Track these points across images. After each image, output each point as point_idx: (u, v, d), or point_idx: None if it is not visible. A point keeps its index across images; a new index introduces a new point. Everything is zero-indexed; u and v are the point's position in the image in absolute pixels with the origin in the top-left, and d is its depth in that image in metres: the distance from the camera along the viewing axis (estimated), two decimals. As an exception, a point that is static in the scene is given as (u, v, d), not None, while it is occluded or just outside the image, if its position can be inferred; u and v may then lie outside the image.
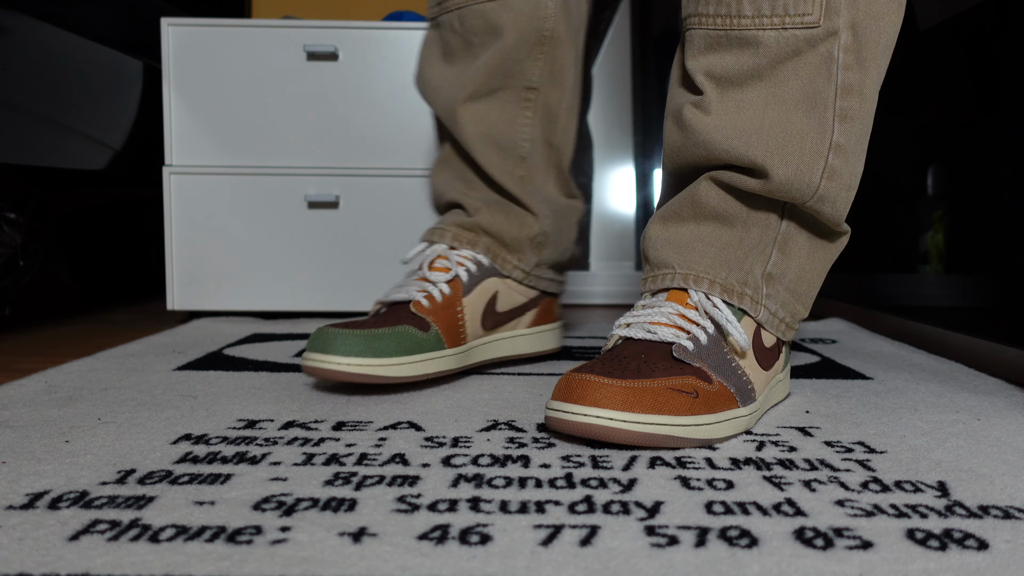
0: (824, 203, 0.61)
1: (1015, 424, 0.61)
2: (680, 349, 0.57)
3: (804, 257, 0.65)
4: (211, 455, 0.52)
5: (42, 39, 1.03)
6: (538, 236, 0.81)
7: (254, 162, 1.19)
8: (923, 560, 0.37)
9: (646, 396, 0.53)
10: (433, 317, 0.72)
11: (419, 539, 0.39)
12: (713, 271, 0.62)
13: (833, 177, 0.60)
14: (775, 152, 0.60)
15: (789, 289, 0.65)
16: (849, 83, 0.60)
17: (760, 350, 0.63)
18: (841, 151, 0.60)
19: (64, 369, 0.79)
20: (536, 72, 0.79)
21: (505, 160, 0.80)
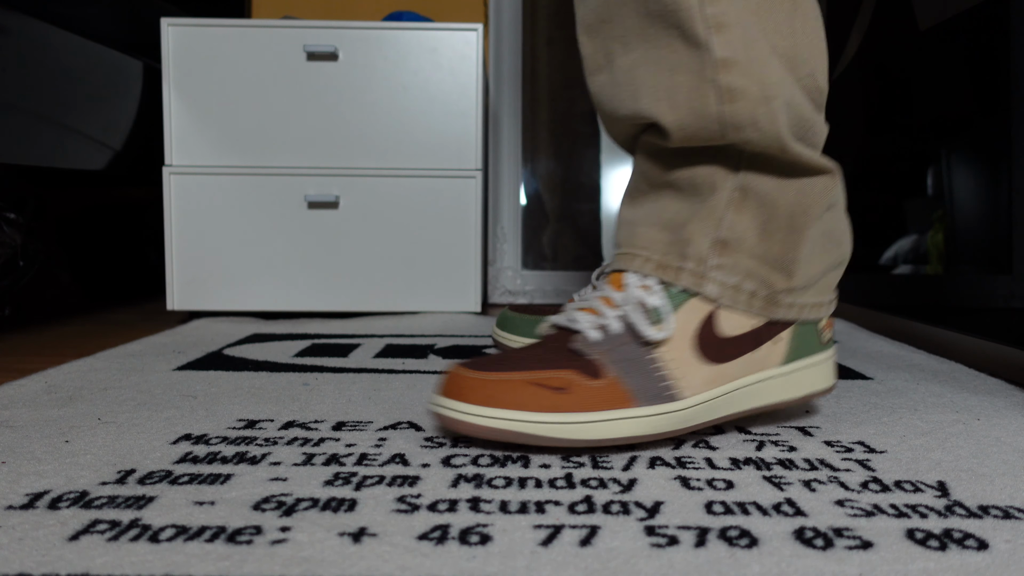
0: (742, 130, 0.52)
1: (1015, 424, 0.61)
2: (580, 340, 0.53)
3: (765, 214, 0.54)
4: (211, 455, 0.52)
5: (42, 39, 1.03)
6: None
7: (254, 162, 1.19)
8: (923, 560, 0.37)
9: (503, 390, 0.50)
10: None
11: (419, 539, 0.39)
12: (651, 247, 0.55)
13: (735, 98, 0.51)
14: (661, 97, 0.52)
15: (753, 255, 0.55)
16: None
17: (710, 339, 0.54)
18: (732, 65, 0.51)
19: (64, 369, 0.79)
20: None
21: None
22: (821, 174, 0.55)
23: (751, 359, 0.55)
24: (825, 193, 0.55)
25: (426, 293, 1.22)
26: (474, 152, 1.21)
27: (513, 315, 0.85)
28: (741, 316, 0.55)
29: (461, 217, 1.22)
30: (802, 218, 0.55)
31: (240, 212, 1.19)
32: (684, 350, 0.53)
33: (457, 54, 1.20)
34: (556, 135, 1.74)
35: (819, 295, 0.58)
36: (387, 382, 0.76)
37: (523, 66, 1.65)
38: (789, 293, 0.56)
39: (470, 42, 1.21)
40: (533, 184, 1.72)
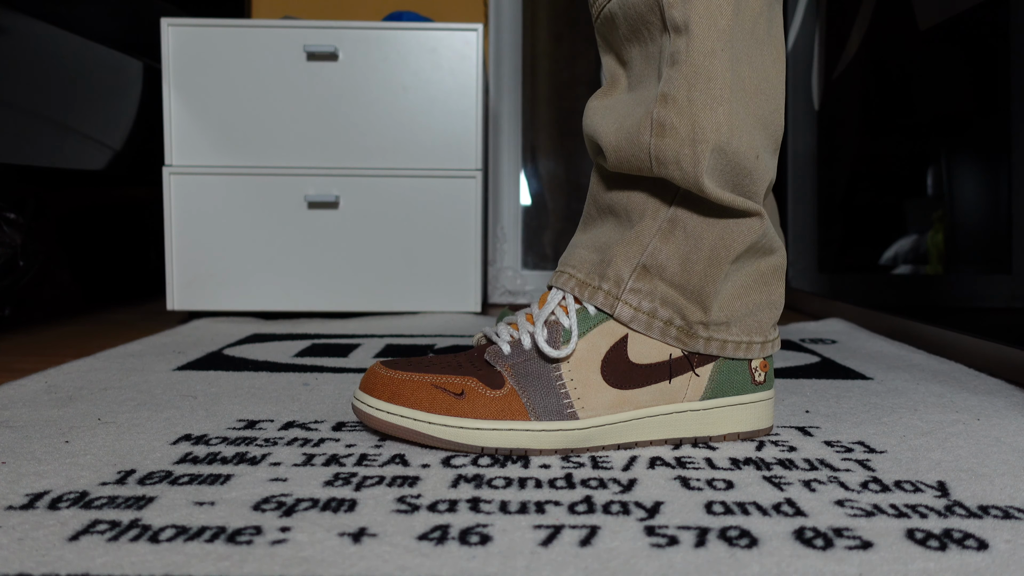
0: (665, 165, 0.52)
1: (1015, 424, 0.61)
2: (492, 352, 0.55)
3: (689, 245, 0.55)
4: (211, 455, 0.52)
5: (42, 39, 1.03)
6: None
7: (254, 162, 1.19)
8: (923, 560, 0.37)
9: (406, 389, 0.54)
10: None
11: (419, 539, 0.39)
12: (578, 267, 0.57)
13: (663, 133, 0.52)
14: (605, 118, 0.54)
15: (673, 284, 0.55)
16: (674, 21, 0.51)
17: (617, 364, 0.54)
18: (669, 101, 0.51)
19: (64, 369, 0.79)
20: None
21: None
22: (746, 216, 0.55)
23: (662, 389, 0.55)
24: (749, 233, 0.55)
25: (426, 293, 1.22)
26: (474, 152, 1.21)
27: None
28: (657, 345, 0.55)
29: (461, 217, 1.22)
30: (723, 253, 0.55)
31: (240, 212, 1.19)
32: (589, 372, 0.54)
33: (457, 54, 1.20)
34: (556, 135, 1.74)
35: (746, 334, 0.57)
36: (387, 382, 0.76)
37: (523, 66, 1.65)
38: (706, 327, 0.56)
39: (470, 42, 1.21)
40: (533, 184, 1.72)
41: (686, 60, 0.51)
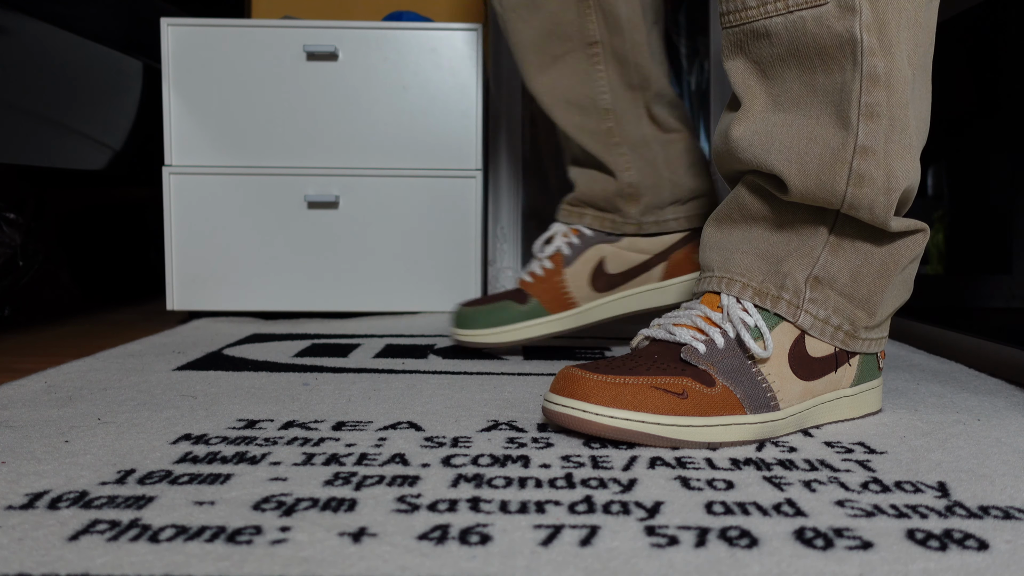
0: (858, 210, 0.56)
1: (1015, 424, 0.61)
2: (689, 351, 0.57)
3: (859, 259, 0.59)
4: (211, 455, 0.52)
5: (42, 39, 1.03)
6: (625, 190, 0.83)
7: (254, 162, 1.19)
8: (923, 560, 0.37)
9: (626, 392, 0.54)
10: (534, 290, 0.85)
11: (419, 539, 0.39)
12: (748, 274, 0.60)
13: (862, 184, 0.55)
14: (793, 161, 0.56)
15: (842, 294, 0.60)
16: (875, 72, 0.53)
17: (801, 359, 0.59)
18: (869, 153, 0.55)
19: (64, 369, 0.79)
20: (592, 26, 0.81)
21: (588, 118, 0.83)
22: (915, 233, 0.60)
23: (831, 379, 0.61)
24: (914, 248, 0.60)
25: (426, 293, 1.22)
26: (474, 152, 1.21)
27: (469, 310, 0.85)
28: (818, 342, 0.60)
29: (461, 217, 1.22)
30: (892, 267, 0.60)
31: (240, 212, 1.19)
32: (781, 366, 0.58)
33: (457, 54, 1.20)
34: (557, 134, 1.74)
35: (885, 330, 0.64)
36: (387, 382, 0.76)
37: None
38: (868, 330, 0.62)
39: (470, 42, 1.21)
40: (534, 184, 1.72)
41: (887, 114, 0.54)
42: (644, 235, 0.85)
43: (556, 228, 0.88)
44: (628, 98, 0.83)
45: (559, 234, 0.86)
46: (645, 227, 0.84)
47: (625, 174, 0.83)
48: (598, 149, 0.83)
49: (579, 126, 0.83)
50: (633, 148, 0.83)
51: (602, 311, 0.86)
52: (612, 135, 0.83)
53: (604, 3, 0.80)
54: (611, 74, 0.82)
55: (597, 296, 0.85)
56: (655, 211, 0.84)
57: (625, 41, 0.82)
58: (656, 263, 0.85)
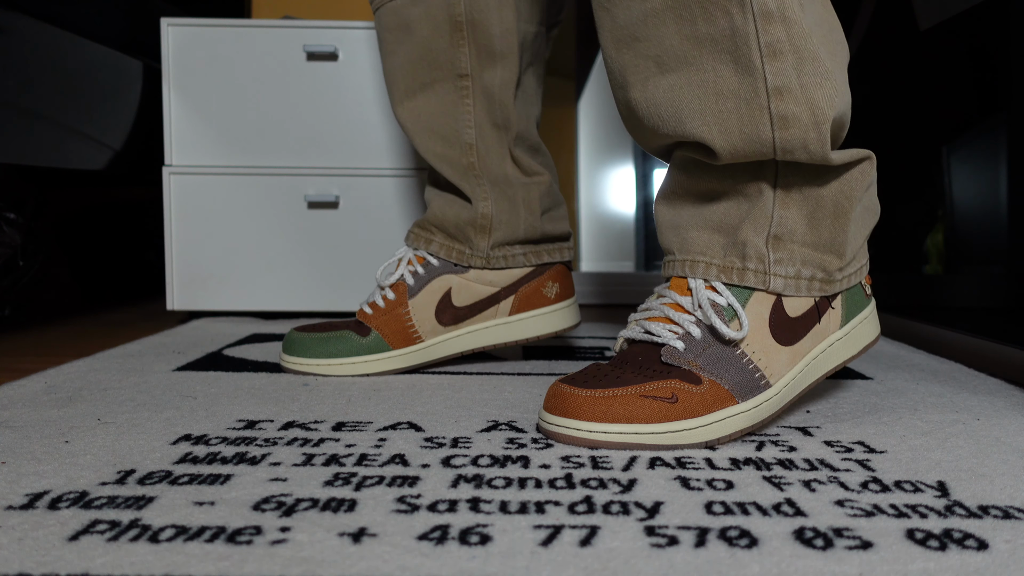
0: (793, 152, 0.54)
1: (1015, 424, 0.61)
2: (669, 352, 0.56)
3: (811, 205, 0.57)
4: (211, 455, 0.52)
5: (42, 39, 1.03)
6: (478, 220, 0.80)
7: (254, 162, 1.19)
8: (923, 560, 0.37)
9: (615, 406, 0.53)
10: (375, 322, 0.79)
11: (419, 539, 0.39)
12: (709, 252, 0.58)
13: (787, 125, 0.53)
14: (711, 123, 0.54)
15: (805, 244, 0.58)
16: (766, 8, 0.51)
17: (782, 324, 0.58)
18: (784, 93, 0.53)
19: (64, 369, 0.79)
20: (463, 58, 0.78)
21: (450, 149, 0.80)
22: (860, 163, 0.57)
23: (817, 331, 0.59)
24: (863, 177, 0.58)
25: (426, 293, 1.22)
26: (474, 152, 1.21)
27: (300, 336, 0.79)
28: (796, 300, 0.59)
29: (461, 217, 1.21)
30: (846, 203, 0.57)
31: (240, 212, 1.19)
32: (764, 339, 0.57)
33: (457, 54, 1.20)
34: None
35: (861, 259, 0.62)
36: (387, 382, 0.76)
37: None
38: (841, 271, 0.60)
39: (470, 42, 1.20)
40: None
41: (789, 48, 0.52)
42: (491, 268, 0.81)
43: (402, 253, 0.83)
44: (493, 136, 0.81)
45: (404, 261, 0.81)
46: (493, 261, 0.80)
47: (482, 204, 0.80)
48: (457, 179, 0.80)
49: (441, 156, 0.80)
50: (494, 184, 0.81)
51: (448, 347, 0.81)
52: (473, 168, 0.80)
53: (478, 36, 0.77)
54: (478, 110, 0.79)
55: (443, 331, 0.80)
56: (504, 247, 0.81)
57: (496, 78, 0.79)
58: (505, 296, 0.81)
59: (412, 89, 0.79)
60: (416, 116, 0.80)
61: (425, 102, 0.80)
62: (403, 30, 0.78)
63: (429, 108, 0.80)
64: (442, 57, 0.78)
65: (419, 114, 0.80)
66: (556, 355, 0.90)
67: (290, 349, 0.80)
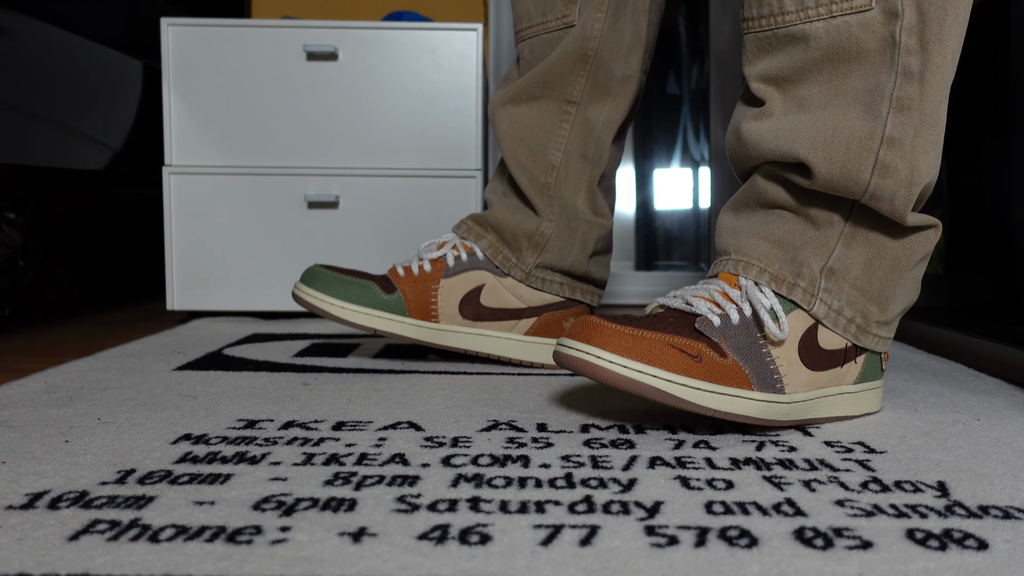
0: (879, 200, 0.57)
1: (1015, 424, 0.61)
2: (703, 322, 0.57)
3: (872, 252, 0.60)
4: (211, 455, 0.52)
5: (42, 39, 1.03)
6: (535, 235, 0.82)
7: (254, 162, 1.19)
8: (923, 560, 0.37)
9: (642, 344, 0.53)
10: (403, 285, 0.79)
11: (419, 539, 0.39)
12: (766, 260, 0.60)
13: (886, 174, 0.56)
14: (819, 148, 0.57)
15: (856, 287, 0.60)
16: (909, 69, 0.55)
17: (811, 348, 0.59)
18: (896, 145, 0.56)
19: (64, 369, 0.79)
20: (577, 87, 0.81)
21: (534, 163, 0.82)
22: (927, 229, 0.60)
23: (836, 373, 0.60)
24: (926, 244, 0.60)
25: (426, 293, 1.22)
26: (474, 152, 1.21)
27: (325, 272, 0.79)
28: (830, 333, 0.60)
29: (461, 217, 1.21)
30: (904, 262, 0.60)
31: (240, 212, 1.19)
32: (791, 352, 0.58)
33: (457, 54, 1.20)
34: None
35: (893, 329, 0.64)
36: (387, 382, 0.76)
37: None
38: (879, 326, 0.62)
39: (470, 42, 1.21)
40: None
41: (918, 108, 0.56)
42: (527, 285, 0.82)
43: (449, 237, 0.84)
44: (577, 167, 0.83)
45: (450, 244, 0.82)
46: (531, 279, 0.82)
47: (546, 223, 0.82)
48: (532, 192, 0.82)
49: (523, 166, 0.82)
50: (563, 210, 0.83)
51: (456, 339, 0.81)
52: (549, 189, 0.82)
53: (599, 73, 0.80)
54: (572, 137, 0.82)
55: (460, 322, 0.81)
56: (547, 271, 0.83)
57: (602, 115, 0.82)
58: (529, 315, 0.82)
59: (520, 98, 0.82)
60: (514, 121, 0.82)
61: (527, 112, 0.82)
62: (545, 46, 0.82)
63: (529, 119, 0.82)
64: (559, 80, 0.81)
65: (517, 120, 0.82)
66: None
67: (310, 281, 0.79)
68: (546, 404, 0.67)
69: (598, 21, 0.79)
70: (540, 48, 0.82)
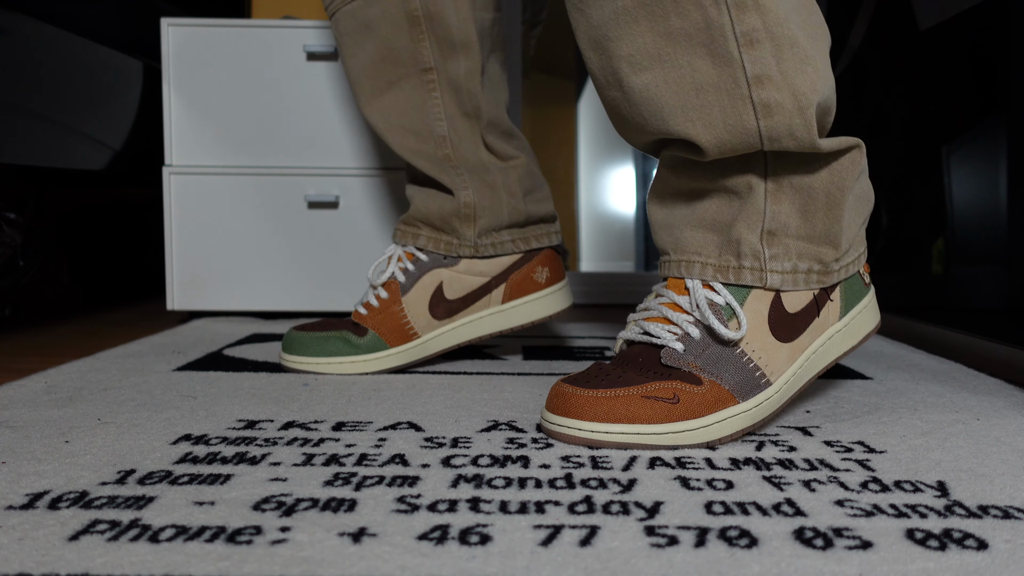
0: (781, 140, 0.54)
1: (1015, 424, 0.61)
2: (668, 354, 0.56)
3: (802, 197, 0.57)
4: (211, 455, 0.52)
5: (42, 39, 1.03)
6: (462, 210, 0.80)
7: (254, 162, 1.19)
8: (923, 560, 0.37)
9: (617, 406, 0.53)
10: (370, 322, 0.80)
11: (419, 539, 0.39)
12: (705, 252, 0.58)
13: (771, 113, 0.53)
14: (694, 118, 0.54)
15: (800, 237, 0.58)
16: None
17: (782, 319, 0.58)
18: (765, 81, 0.52)
19: (64, 369, 0.79)
20: (426, 52, 0.78)
21: (424, 144, 0.81)
22: (849, 151, 0.57)
23: (816, 325, 0.59)
24: (854, 166, 0.57)
25: (426, 293, 1.22)
26: (474, 152, 1.21)
27: (299, 335, 0.80)
28: (795, 295, 0.59)
29: (461, 217, 1.21)
30: (838, 193, 0.57)
31: (240, 212, 1.19)
32: (764, 337, 0.57)
33: (457, 54, 1.20)
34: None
35: (859, 248, 0.62)
36: (387, 382, 0.76)
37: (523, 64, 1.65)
38: (838, 261, 0.59)
39: (470, 42, 1.20)
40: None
41: (766, 36, 0.51)
42: (481, 257, 0.81)
43: (391, 251, 0.83)
44: (464, 126, 0.81)
45: (394, 258, 0.82)
46: (481, 249, 0.81)
47: (463, 193, 0.80)
48: (435, 172, 0.81)
49: (416, 151, 0.81)
50: (472, 172, 0.81)
51: (445, 340, 0.81)
52: (449, 160, 0.81)
53: (437, 29, 0.78)
54: (447, 101, 0.80)
55: (438, 325, 0.81)
56: (491, 234, 0.82)
57: (460, 68, 0.79)
58: (496, 285, 0.82)
59: (378, 88, 0.80)
60: (386, 114, 0.81)
61: (393, 100, 0.80)
62: (363, 31, 0.78)
63: (398, 105, 0.80)
64: (404, 54, 0.78)
65: (389, 112, 0.80)
66: (556, 355, 0.90)
67: (290, 348, 0.80)
68: (546, 404, 0.67)
69: None
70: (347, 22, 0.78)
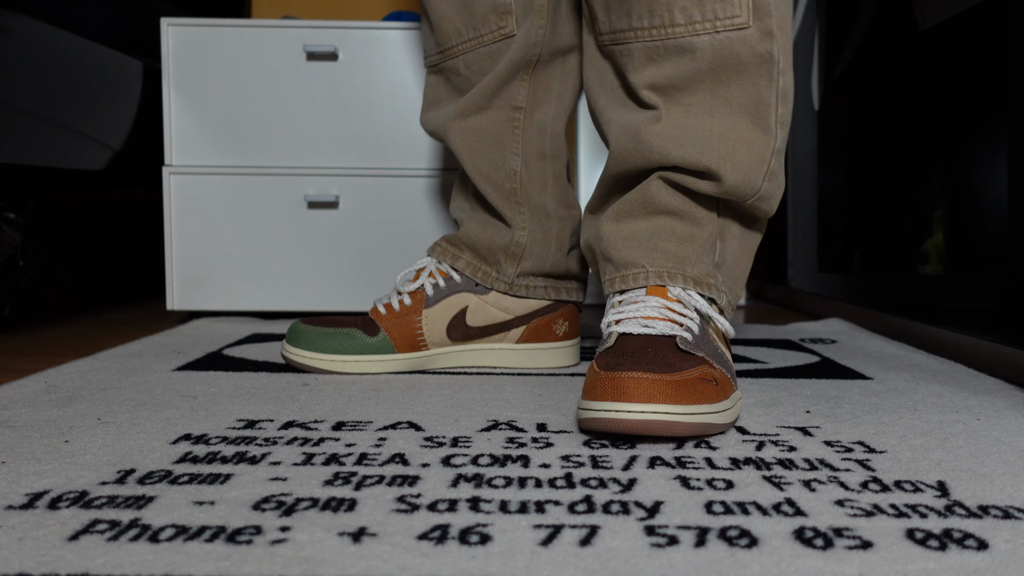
0: (763, 201, 0.67)
1: (1015, 424, 0.61)
2: (683, 341, 0.59)
3: (737, 245, 0.70)
4: (211, 455, 0.52)
5: (42, 39, 1.03)
6: (511, 245, 0.82)
7: (254, 162, 1.19)
8: (923, 560, 0.37)
9: (685, 388, 0.54)
10: (386, 323, 0.80)
11: (419, 539, 0.39)
12: (681, 266, 0.65)
13: (772, 179, 0.66)
14: (726, 159, 0.64)
15: (729, 275, 0.70)
16: (785, 89, 0.65)
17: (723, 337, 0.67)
18: (779, 155, 0.66)
19: (64, 369, 0.79)
20: (522, 93, 0.81)
21: (495, 172, 0.82)
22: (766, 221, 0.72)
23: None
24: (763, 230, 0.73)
25: (426, 293, 1.22)
26: (474, 152, 1.21)
27: (306, 328, 0.80)
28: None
29: (461, 217, 1.21)
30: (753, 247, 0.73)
31: (240, 212, 1.19)
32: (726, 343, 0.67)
33: (457, 54, 1.20)
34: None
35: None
36: (387, 382, 0.76)
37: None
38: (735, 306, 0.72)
39: (470, 42, 1.20)
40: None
41: (789, 123, 0.67)
42: (511, 295, 0.82)
43: (424, 263, 0.83)
44: (538, 167, 0.83)
45: (425, 272, 0.82)
46: (515, 288, 0.82)
47: (519, 233, 0.82)
48: (500, 201, 0.82)
49: (486, 176, 0.82)
50: (533, 213, 0.83)
51: (451, 359, 0.83)
52: (515, 195, 0.82)
53: (542, 74, 0.81)
54: (527, 140, 0.82)
55: (449, 344, 0.82)
56: (529, 276, 0.83)
57: (549, 112, 0.83)
58: (517, 324, 0.83)
59: (469, 111, 0.81)
60: (469, 133, 0.82)
61: (480, 123, 0.82)
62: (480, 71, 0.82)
63: (482, 131, 0.82)
64: (503, 89, 0.81)
65: (471, 132, 0.82)
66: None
67: (294, 340, 0.80)
68: (546, 404, 0.67)
69: (541, 28, 0.79)
70: (478, 62, 0.81)
